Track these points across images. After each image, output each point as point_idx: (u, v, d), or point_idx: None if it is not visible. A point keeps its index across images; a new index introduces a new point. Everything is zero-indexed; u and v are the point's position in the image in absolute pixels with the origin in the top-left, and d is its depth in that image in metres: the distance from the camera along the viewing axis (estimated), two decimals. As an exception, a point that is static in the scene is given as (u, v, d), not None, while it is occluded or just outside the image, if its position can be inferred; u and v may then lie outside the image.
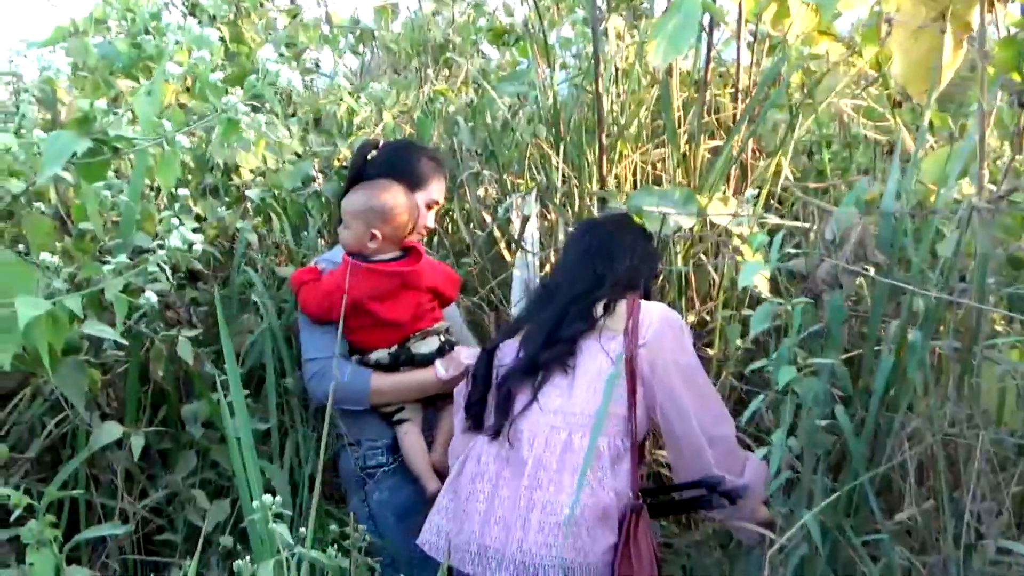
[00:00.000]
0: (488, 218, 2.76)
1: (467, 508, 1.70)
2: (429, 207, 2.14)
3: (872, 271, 1.73)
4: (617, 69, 2.75)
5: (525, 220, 2.53)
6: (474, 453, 1.76)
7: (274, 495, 1.39)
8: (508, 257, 2.68)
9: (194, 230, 1.75)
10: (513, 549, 1.61)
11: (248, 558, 1.37)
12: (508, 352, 1.82)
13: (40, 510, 1.47)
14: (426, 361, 2.00)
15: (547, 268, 2.52)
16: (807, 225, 2.18)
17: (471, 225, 2.84)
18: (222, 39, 2.49)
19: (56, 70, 1.67)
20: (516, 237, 2.57)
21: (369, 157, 2.11)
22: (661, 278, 2.53)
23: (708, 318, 2.51)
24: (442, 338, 2.04)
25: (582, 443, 1.66)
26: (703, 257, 2.50)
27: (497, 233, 2.73)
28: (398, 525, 1.93)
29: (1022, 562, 1.52)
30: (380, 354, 1.99)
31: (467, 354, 1.99)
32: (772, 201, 2.57)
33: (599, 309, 1.77)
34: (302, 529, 1.50)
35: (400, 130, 2.86)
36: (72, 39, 2.32)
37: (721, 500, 1.73)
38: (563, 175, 2.63)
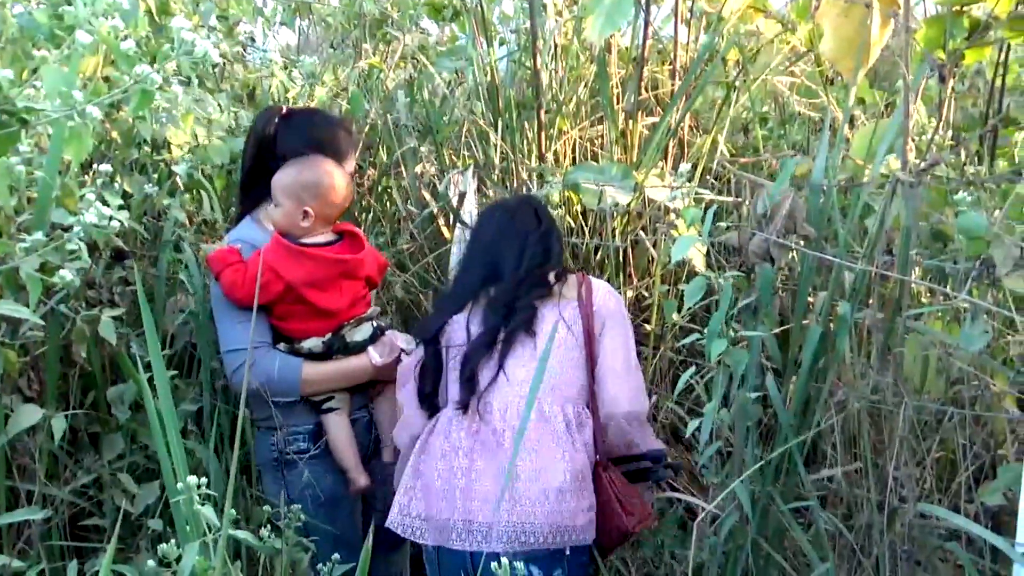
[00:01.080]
0: (427, 195, 2.74)
1: (446, 485, 1.68)
2: None
3: (802, 244, 1.76)
4: (556, 45, 2.74)
5: (463, 196, 2.51)
6: (440, 430, 1.74)
7: (199, 477, 1.35)
8: (447, 234, 2.66)
9: (120, 207, 1.68)
10: (503, 521, 1.61)
11: (173, 541, 1.34)
12: (457, 329, 1.80)
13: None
14: (359, 348, 1.95)
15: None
16: (739, 199, 2.21)
17: (408, 202, 2.81)
18: (148, 11, 2.39)
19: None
20: (454, 213, 2.55)
21: (276, 123, 1.99)
22: (600, 253, 2.55)
23: (646, 294, 2.52)
24: (374, 324, 2.00)
25: (552, 410, 1.69)
26: (641, 233, 2.51)
27: (435, 210, 2.70)
28: (318, 511, 1.90)
29: (942, 525, 1.57)
30: (313, 343, 1.92)
31: (403, 339, 1.97)
32: (709, 177, 2.59)
33: (553, 277, 1.81)
34: (234, 511, 1.47)
35: (336, 105, 2.80)
36: (-12, 9, 2.22)
37: (667, 472, 1.82)
38: (501, 152, 2.61)
